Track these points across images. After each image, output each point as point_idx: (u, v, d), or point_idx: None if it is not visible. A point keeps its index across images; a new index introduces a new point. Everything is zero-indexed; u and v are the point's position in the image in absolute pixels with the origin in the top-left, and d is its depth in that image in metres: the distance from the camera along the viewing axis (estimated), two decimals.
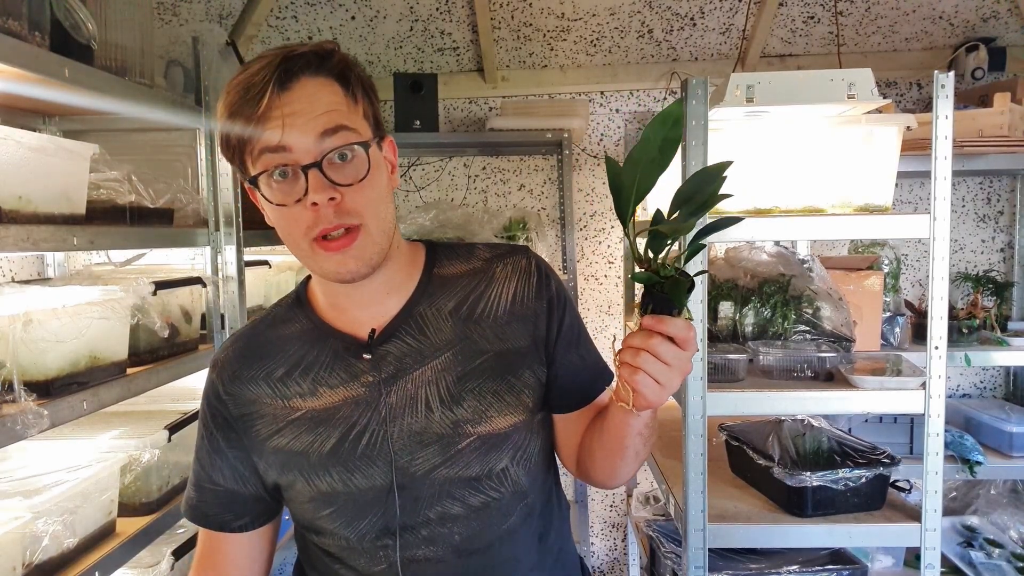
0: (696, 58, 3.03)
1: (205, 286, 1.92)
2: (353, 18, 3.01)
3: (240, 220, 1.99)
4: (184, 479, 1.76)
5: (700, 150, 1.72)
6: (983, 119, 2.26)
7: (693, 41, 3.02)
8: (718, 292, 2.11)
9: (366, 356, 1.02)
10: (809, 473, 1.78)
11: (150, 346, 1.72)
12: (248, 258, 2.08)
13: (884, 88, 2.97)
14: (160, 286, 1.64)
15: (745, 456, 1.99)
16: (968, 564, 2.55)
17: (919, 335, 2.38)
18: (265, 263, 2.31)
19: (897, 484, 1.96)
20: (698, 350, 1.01)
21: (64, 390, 1.37)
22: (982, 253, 3.03)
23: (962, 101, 2.64)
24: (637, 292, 0.99)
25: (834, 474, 1.79)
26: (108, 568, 1.47)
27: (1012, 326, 2.61)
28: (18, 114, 1.86)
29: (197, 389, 1.25)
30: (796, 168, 1.84)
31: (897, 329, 2.40)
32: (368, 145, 0.94)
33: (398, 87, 2.70)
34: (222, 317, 1.99)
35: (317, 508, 1.03)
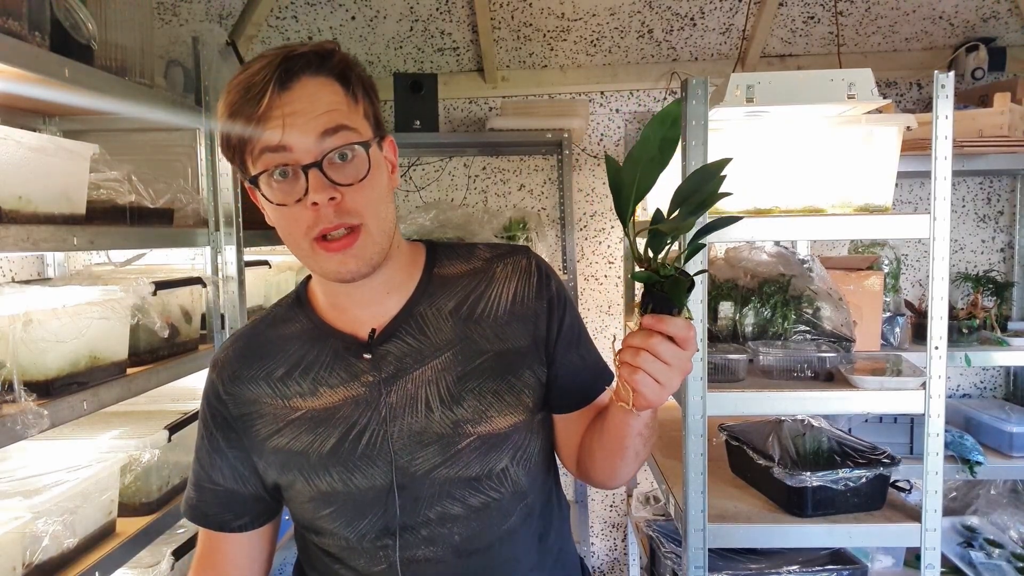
0: (696, 58, 3.03)
1: (205, 286, 1.92)
2: (353, 18, 3.01)
3: (240, 220, 1.99)
4: (184, 479, 1.76)
5: (700, 150, 1.72)
6: (983, 119, 2.26)
7: (693, 41, 3.02)
8: (718, 292, 2.10)
9: (366, 356, 1.02)
10: (809, 473, 1.78)
11: (150, 346, 1.72)
12: (248, 258, 2.08)
13: (884, 88, 2.97)
14: (160, 286, 1.64)
15: (745, 456, 1.99)
16: (968, 564, 2.55)
17: (919, 335, 2.38)
18: (265, 263, 2.31)
19: (897, 484, 1.96)
20: (698, 350, 1.01)
21: (64, 390, 1.37)
22: (982, 253, 3.03)
23: (962, 101, 2.64)
24: (637, 292, 0.99)
25: (834, 474, 1.79)
26: (108, 568, 1.47)
27: (1012, 326, 2.61)
28: (18, 114, 1.86)
29: (197, 389, 1.25)
30: (796, 168, 1.84)
31: (897, 329, 2.40)
32: (368, 145, 0.94)
33: (398, 87, 2.71)
34: (222, 317, 2.00)
35: (317, 508, 1.03)
